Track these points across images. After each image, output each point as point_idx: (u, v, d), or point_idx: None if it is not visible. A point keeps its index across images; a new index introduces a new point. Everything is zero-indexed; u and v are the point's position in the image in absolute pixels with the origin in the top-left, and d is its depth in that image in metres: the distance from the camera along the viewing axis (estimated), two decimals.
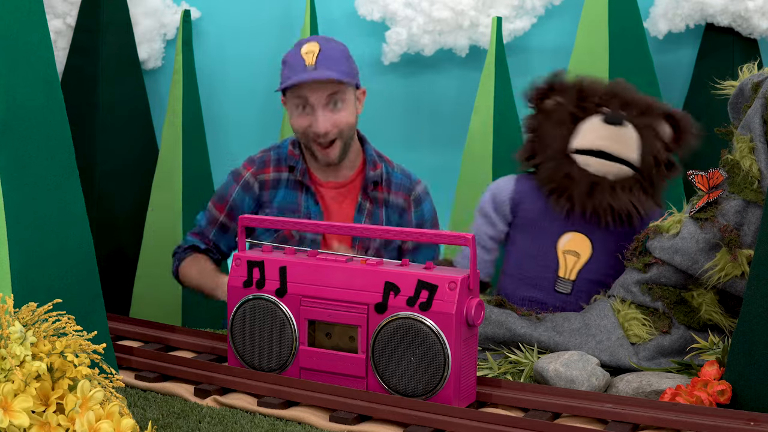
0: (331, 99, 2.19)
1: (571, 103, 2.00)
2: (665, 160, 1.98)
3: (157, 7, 3.09)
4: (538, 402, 1.47)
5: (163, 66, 3.18)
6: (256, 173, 2.29)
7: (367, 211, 2.28)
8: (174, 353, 1.74)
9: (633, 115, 1.98)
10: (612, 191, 1.92)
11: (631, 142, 1.95)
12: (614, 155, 1.93)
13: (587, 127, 1.96)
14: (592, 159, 1.94)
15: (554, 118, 2.00)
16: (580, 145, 1.95)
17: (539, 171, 1.99)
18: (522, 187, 2.02)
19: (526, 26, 2.98)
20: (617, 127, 1.93)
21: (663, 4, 2.90)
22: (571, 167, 1.95)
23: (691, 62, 2.94)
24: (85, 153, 2.86)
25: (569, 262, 1.96)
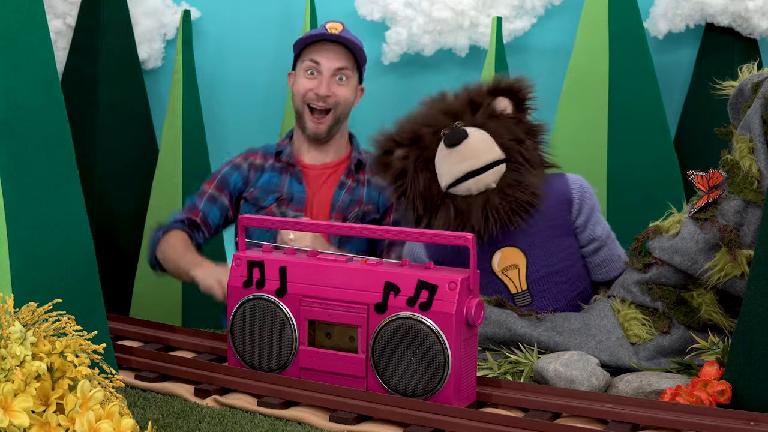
0: (339, 72, 2.39)
1: (412, 152, 1.94)
2: (524, 130, 1.94)
3: (157, 7, 3.09)
4: (538, 402, 1.47)
5: (163, 66, 3.18)
6: (246, 157, 2.47)
7: (347, 187, 2.41)
8: (174, 353, 1.74)
9: (468, 118, 1.92)
10: (502, 196, 1.88)
11: (485, 144, 1.89)
12: (480, 168, 1.88)
13: (440, 161, 1.91)
14: (466, 183, 1.88)
15: (410, 173, 1.94)
16: (447, 182, 1.90)
17: (433, 227, 1.93)
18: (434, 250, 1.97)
19: (526, 26, 2.97)
20: (462, 144, 1.87)
21: (663, 4, 2.90)
22: (456, 202, 1.90)
23: (691, 62, 2.94)
24: (85, 153, 2.86)
25: (513, 277, 1.93)
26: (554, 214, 1.94)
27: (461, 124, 1.91)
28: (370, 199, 2.42)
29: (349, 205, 2.39)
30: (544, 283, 1.93)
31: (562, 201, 1.95)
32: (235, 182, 2.44)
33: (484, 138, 1.90)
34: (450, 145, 1.88)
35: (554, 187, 1.94)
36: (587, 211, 1.97)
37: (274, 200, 2.39)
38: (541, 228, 1.92)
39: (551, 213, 1.93)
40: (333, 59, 2.38)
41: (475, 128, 1.91)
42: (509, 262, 1.93)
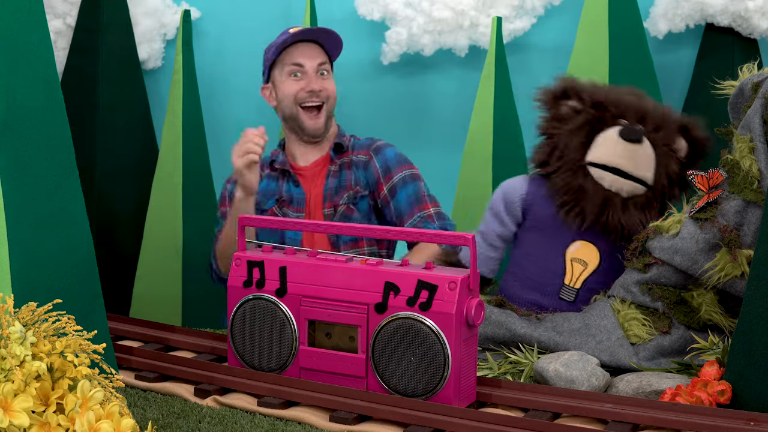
0: (320, 67, 2.46)
1: (587, 112, 1.97)
2: (678, 179, 1.97)
3: (157, 7, 3.09)
4: (538, 402, 1.47)
5: (163, 66, 3.17)
6: None
7: (333, 173, 2.44)
8: (174, 353, 1.74)
9: (649, 129, 1.95)
10: (624, 208, 1.91)
11: (647, 161, 1.93)
12: (629, 174, 1.92)
13: (604, 141, 1.94)
14: (607, 174, 1.92)
15: (570, 125, 1.97)
16: (596, 159, 1.93)
17: (553, 179, 1.96)
18: (534, 190, 2.00)
19: (526, 26, 2.97)
20: (634, 145, 1.91)
21: (663, 4, 2.90)
22: (585, 180, 1.93)
23: (691, 62, 2.94)
24: (85, 153, 2.86)
25: (576, 270, 1.95)
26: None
27: (642, 129, 1.94)
28: (357, 181, 2.43)
29: (337, 192, 2.40)
30: (593, 295, 1.93)
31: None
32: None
33: (650, 155, 1.94)
34: (625, 138, 1.91)
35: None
36: None
37: (275, 202, 2.42)
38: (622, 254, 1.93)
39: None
40: (313, 57, 2.45)
41: (649, 142, 1.94)
42: (582, 256, 1.95)
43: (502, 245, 2.04)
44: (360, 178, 2.43)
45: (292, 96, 2.43)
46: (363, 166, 2.44)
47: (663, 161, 1.94)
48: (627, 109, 1.97)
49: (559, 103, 2.02)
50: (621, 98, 2.00)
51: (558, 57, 2.92)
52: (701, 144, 1.99)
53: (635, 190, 1.93)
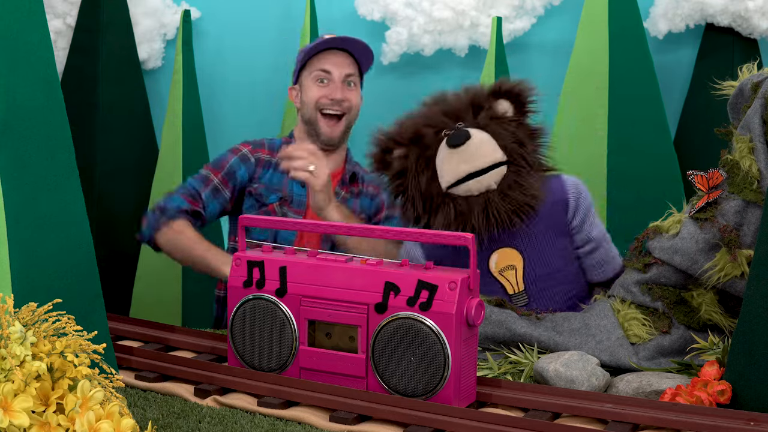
0: (348, 78, 2.45)
1: (413, 151, 1.95)
2: (525, 133, 1.95)
3: (157, 7, 3.10)
4: (538, 402, 1.47)
5: (163, 66, 3.18)
6: (254, 150, 2.47)
7: (341, 198, 2.43)
8: (174, 353, 1.74)
9: (469, 119, 1.93)
10: (503, 197, 1.88)
11: (487, 146, 1.90)
12: (482, 168, 1.89)
13: (441, 162, 1.91)
14: (467, 184, 1.89)
15: (410, 172, 1.94)
16: (448, 183, 1.90)
17: (433, 227, 1.93)
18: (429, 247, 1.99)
19: (526, 26, 2.98)
20: (465, 145, 1.88)
21: (663, 4, 2.90)
22: (456, 203, 1.90)
23: (691, 62, 2.94)
24: (85, 153, 2.86)
25: (510, 278, 1.94)
26: (551, 216, 1.94)
27: (463, 125, 1.92)
28: (362, 209, 2.47)
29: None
30: (540, 283, 1.93)
31: (558, 202, 1.96)
32: (242, 176, 2.44)
33: (486, 140, 1.91)
34: (453, 146, 1.88)
35: (551, 188, 1.95)
36: (583, 213, 1.97)
37: (277, 199, 2.41)
38: (538, 229, 1.92)
39: (548, 214, 1.93)
40: (342, 66, 2.44)
41: (477, 129, 1.91)
42: (506, 263, 1.93)
43: None
44: (365, 208, 2.47)
45: (314, 101, 2.43)
46: (370, 197, 2.49)
47: (499, 134, 1.92)
48: (438, 120, 1.94)
49: (387, 160, 1.99)
50: (427, 115, 1.97)
51: (558, 57, 2.92)
52: (517, 93, 1.96)
53: (499, 174, 1.90)
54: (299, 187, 2.42)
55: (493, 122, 1.93)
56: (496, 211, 1.87)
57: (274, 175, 2.43)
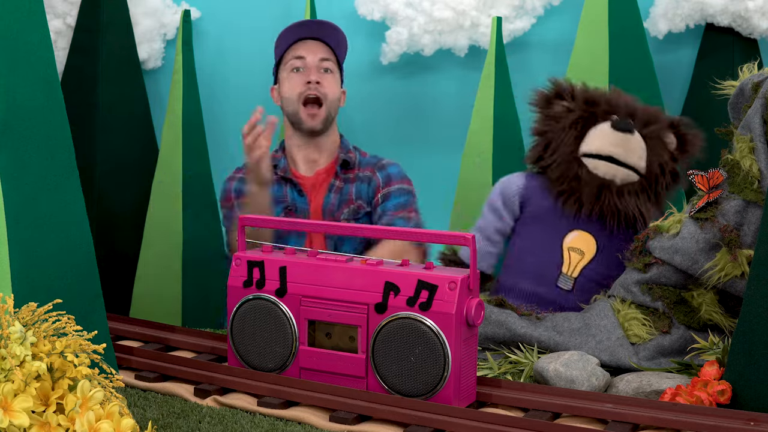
0: (322, 64, 2.46)
1: (580, 108, 2.04)
2: (670, 169, 2.03)
3: (157, 7, 3.09)
4: (538, 402, 1.47)
5: (163, 66, 3.17)
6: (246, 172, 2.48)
7: (335, 188, 2.46)
8: (174, 353, 1.74)
9: (640, 123, 2.02)
10: (619, 195, 1.97)
11: (639, 150, 1.99)
12: (622, 161, 1.97)
13: (596, 133, 2.01)
14: (601, 163, 1.98)
15: (563, 122, 2.04)
16: (589, 149, 2.00)
17: (549, 172, 2.03)
18: (531, 184, 2.06)
19: (526, 26, 2.97)
20: (626, 134, 1.98)
21: (663, 4, 2.90)
22: (581, 170, 1.99)
23: (691, 62, 2.94)
24: (85, 153, 2.86)
25: (573, 259, 1.98)
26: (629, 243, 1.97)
27: (633, 123, 2.01)
28: (359, 195, 2.46)
29: (339, 207, 2.43)
30: (591, 284, 1.97)
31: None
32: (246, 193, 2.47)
33: (642, 145, 2.01)
34: (618, 128, 1.98)
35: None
36: None
37: (282, 210, 2.43)
38: (621, 244, 1.97)
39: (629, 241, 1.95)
40: (316, 51, 2.46)
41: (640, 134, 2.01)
42: (579, 245, 1.99)
43: (500, 240, 2.08)
44: (362, 192, 2.47)
45: (294, 92, 2.45)
46: (367, 180, 2.49)
47: (654, 151, 2.01)
48: (618, 106, 2.05)
49: (552, 103, 2.09)
50: (612, 95, 2.08)
51: (558, 57, 2.92)
52: (690, 140, 2.06)
53: (629, 177, 1.99)
54: (299, 195, 2.45)
55: (656, 141, 2.02)
56: (608, 200, 1.96)
57: (275, 187, 2.45)
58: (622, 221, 1.97)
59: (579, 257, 1.98)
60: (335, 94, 2.48)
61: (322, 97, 2.44)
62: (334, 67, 2.50)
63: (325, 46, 2.48)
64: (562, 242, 1.99)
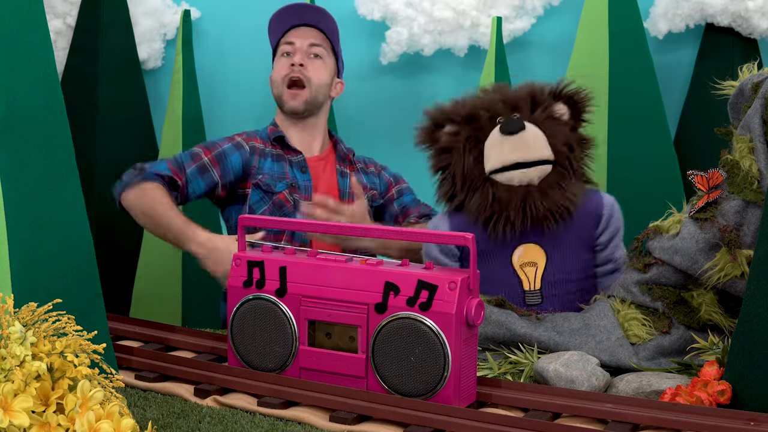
0: (312, 49, 2.46)
1: (464, 130, 1.97)
2: (576, 140, 1.97)
3: (157, 7, 3.10)
4: (538, 402, 1.47)
5: (163, 66, 3.18)
6: (248, 139, 2.46)
7: (349, 175, 2.46)
8: (174, 353, 1.74)
9: (525, 113, 1.95)
10: (542, 194, 1.90)
11: (538, 141, 1.92)
12: (529, 161, 1.91)
13: (491, 146, 1.93)
14: (511, 172, 1.91)
15: (456, 150, 1.97)
16: (493, 167, 1.92)
17: (468, 206, 1.95)
18: (457, 224, 1.98)
19: (526, 26, 2.97)
20: (518, 134, 1.90)
21: (663, 4, 2.90)
22: (495, 189, 1.92)
23: (691, 62, 2.94)
24: (85, 153, 2.87)
25: (529, 274, 1.94)
26: (581, 226, 1.95)
27: (518, 117, 1.94)
28: (372, 185, 2.50)
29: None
30: (557, 287, 1.94)
31: (591, 215, 1.97)
32: (233, 162, 2.41)
33: (539, 135, 1.93)
34: (507, 133, 1.91)
35: (588, 200, 1.97)
36: (611, 232, 1.99)
37: (286, 187, 2.40)
38: (568, 235, 1.94)
39: (580, 224, 1.94)
40: (306, 37, 2.46)
41: (531, 124, 1.94)
42: (529, 258, 1.95)
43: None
44: (375, 183, 2.50)
45: (280, 75, 2.46)
46: (376, 174, 2.52)
47: (552, 133, 1.94)
48: (496, 107, 1.97)
49: (436, 135, 2.01)
50: (486, 99, 2.00)
51: (558, 57, 2.92)
52: (579, 101, 2.00)
53: (543, 172, 1.92)
54: (300, 173, 2.43)
55: (548, 121, 1.96)
56: (534, 206, 1.89)
57: (274, 164, 2.43)
58: (557, 218, 1.91)
59: (533, 269, 1.94)
60: (321, 79, 2.46)
61: (305, 80, 2.43)
62: (325, 53, 2.48)
63: (317, 32, 2.48)
64: (512, 264, 1.94)
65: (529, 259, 1.94)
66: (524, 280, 1.95)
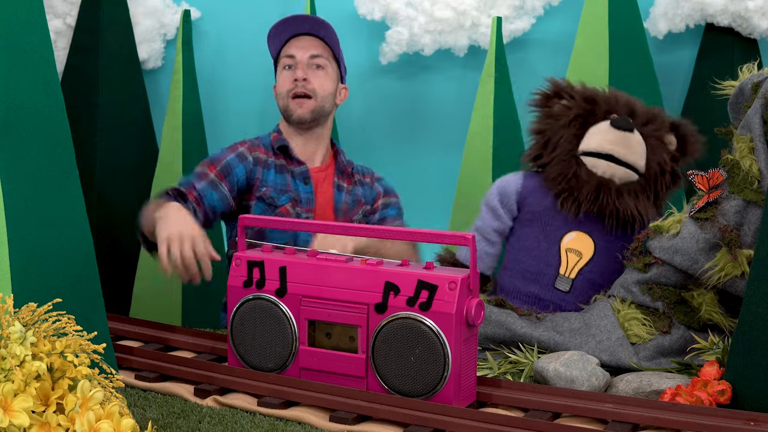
0: (313, 61, 2.42)
1: (579, 106, 2.03)
2: (670, 169, 2.02)
3: (157, 7, 3.09)
4: (538, 402, 1.47)
5: (163, 66, 3.18)
6: (251, 149, 2.42)
7: (346, 190, 2.44)
8: (174, 353, 1.74)
9: (640, 122, 2.01)
10: (618, 194, 1.95)
11: (638, 148, 1.98)
12: (622, 160, 1.96)
13: (596, 131, 2.00)
14: (601, 161, 1.97)
15: (562, 120, 2.03)
16: (588, 148, 1.99)
17: (547, 171, 2.02)
18: (529, 183, 2.04)
19: (526, 26, 2.97)
20: (625, 133, 1.96)
21: (663, 4, 2.90)
22: (579, 168, 1.98)
23: (691, 62, 2.94)
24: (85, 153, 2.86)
25: (571, 261, 1.97)
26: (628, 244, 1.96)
27: (633, 122, 2.00)
28: (365, 198, 2.47)
29: (352, 206, 2.42)
30: (588, 285, 1.96)
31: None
32: (238, 174, 2.37)
33: (641, 144, 2.00)
34: (616, 126, 1.97)
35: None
36: None
37: (289, 200, 2.38)
38: (620, 245, 1.95)
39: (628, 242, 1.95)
40: (307, 48, 2.43)
41: (640, 133, 2.00)
42: (577, 246, 1.98)
43: (498, 240, 2.07)
44: (367, 196, 2.48)
45: (284, 88, 2.43)
46: (369, 186, 2.49)
47: (654, 151, 2.00)
48: (617, 104, 2.04)
49: (551, 102, 2.08)
50: (611, 95, 2.07)
51: (558, 57, 2.92)
52: (690, 142, 2.06)
53: (628, 176, 1.97)
54: (303, 185, 2.40)
55: (655, 140, 2.01)
56: (607, 200, 1.94)
57: (277, 176, 2.41)
58: (620, 222, 1.96)
59: (577, 258, 1.97)
60: (326, 90, 2.44)
61: (310, 92, 2.41)
62: (327, 62, 2.45)
63: (317, 41, 2.45)
64: (559, 243, 1.98)
65: (576, 246, 1.97)
66: (563, 264, 1.97)
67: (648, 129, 2.02)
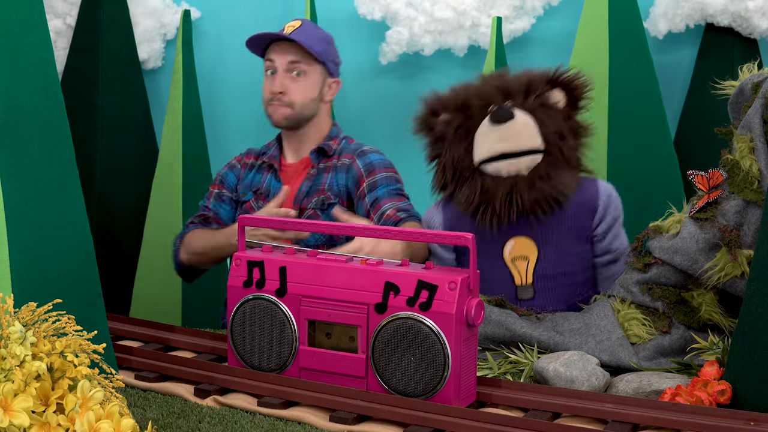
0: (293, 66, 2.41)
1: (456, 119, 1.96)
2: (570, 128, 1.95)
3: (157, 7, 3.10)
4: (538, 402, 1.47)
5: (163, 66, 3.18)
6: (241, 158, 2.55)
7: (310, 176, 2.42)
8: (174, 353, 1.74)
9: (518, 100, 1.93)
10: (530, 185, 1.88)
11: (527, 130, 1.90)
12: (517, 151, 1.89)
13: (480, 136, 1.92)
14: (500, 163, 1.90)
15: (448, 139, 1.96)
16: (482, 156, 1.92)
17: (457, 196, 1.95)
18: (450, 214, 1.99)
19: (525, 26, 2.98)
20: (506, 123, 1.88)
21: (663, 4, 2.90)
22: (484, 180, 1.91)
23: (691, 62, 2.94)
24: (85, 153, 2.87)
25: (521, 268, 1.93)
26: (576, 217, 1.93)
27: (510, 104, 1.91)
28: (331, 186, 2.39)
29: (307, 195, 2.39)
30: (549, 281, 1.93)
31: (587, 206, 1.95)
32: (231, 182, 2.52)
33: (529, 124, 1.91)
34: (494, 122, 1.89)
35: (583, 190, 1.94)
36: (609, 222, 1.96)
37: (252, 195, 2.44)
38: (560, 227, 1.91)
39: (573, 215, 1.92)
40: (286, 54, 2.41)
41: (522, 112, 1.91)
42: (520, 252, 1.93)
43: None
44: (336, 183, 2.40)
45: (266, 96, 2.45)
46: (346, 169, 2.41)
47: (544, 121, 1.92)
48: (489, 94, 1.94)
49: (431, 123, 2.01)
50: (480, 87, 1.97)
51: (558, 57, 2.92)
52: (576, 88, 1.97)
53: (533, 162, 1.90)
54: (276, 182, 2.44)
55: (540, 108, 1.93)
56: (521, 198, 1.87)
57: (256, 175, 2.48)
58: (546, 208, 1.89)
59: (525, 263, 1.92)
60: (306, 97, 2.42)
61: (287, 105, 2.41)
62: (308, 66, 2.42)
63: (294, 47, 2.41)
64: (503, 258, 1.93)
65: (520, 252, 1.93)
66: (515, 275, 1.93)
67: (529, 102, 1.92)
